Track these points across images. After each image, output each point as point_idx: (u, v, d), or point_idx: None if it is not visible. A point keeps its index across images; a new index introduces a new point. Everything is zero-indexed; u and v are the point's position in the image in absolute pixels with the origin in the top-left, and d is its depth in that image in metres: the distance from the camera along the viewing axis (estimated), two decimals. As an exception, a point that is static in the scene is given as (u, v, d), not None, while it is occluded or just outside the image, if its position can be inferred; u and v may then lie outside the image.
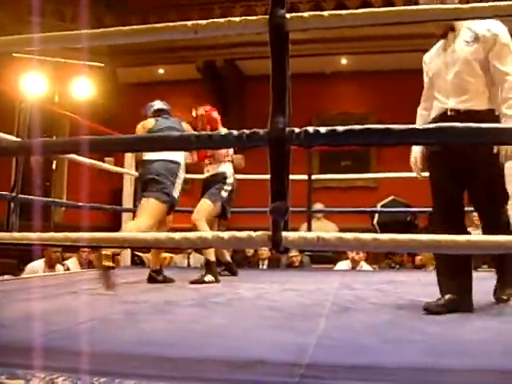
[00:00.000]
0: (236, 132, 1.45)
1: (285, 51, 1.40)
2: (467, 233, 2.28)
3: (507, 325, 2.01)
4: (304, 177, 5.16)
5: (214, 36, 1.68)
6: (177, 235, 1.49)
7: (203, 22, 1.53)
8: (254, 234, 1.39)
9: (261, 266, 6.48)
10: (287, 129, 1.38)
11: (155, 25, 1.60)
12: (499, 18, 2.15)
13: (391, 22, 1.56)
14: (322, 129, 1.39)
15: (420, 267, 5.96)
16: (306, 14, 1.45)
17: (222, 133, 1.53)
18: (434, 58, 2.51)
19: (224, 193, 4.19)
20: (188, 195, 4.16)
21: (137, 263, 6.01)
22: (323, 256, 6.52)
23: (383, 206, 7.16)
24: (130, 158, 5.54)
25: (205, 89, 8.83)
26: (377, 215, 7.29)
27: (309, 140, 1.41)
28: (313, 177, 5.37)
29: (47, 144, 1.88)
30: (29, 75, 7.99)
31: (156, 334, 1.80)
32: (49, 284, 3.50)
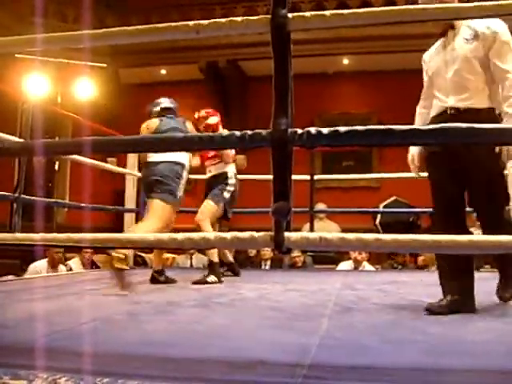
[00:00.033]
0: (238, 133, 1.44)
1: (287, 51, 1.40)
2: (468, 233, 2.26)
3: (510, 326, 2.00)
4: (306, 177, 5.16)
5: (217, 36, 1.68)
6: (180, 236, 1.49)
7: (205, 22, 1.53)
8: (257, 235, 1.39)
9: (263, 267, 6.48)
10: (289, 129, 1.38)
11: (157, 25, 1.59)
12: (501, 17, 2.14)
13: (393, 22, 1.56)
14: (325, 129, 1.38)
15: (422, 267, 5.95)
16: (308, 14, 1.45)
17: (225, 134, 1.52)
18: (434, 57, 2.49)
19: (226, 193, 4.19)
20: (191, 196, 4.16)
21: (139, 264, 6.02)
22: (326, 256, 6.52)
23: (385, 207, 7.16)
24: (133, 159, 5.54)
25: (207, 89, 8.84)
26: (379, 215, 7.29)
27: (311, 141, 1.41)
28: (315, 177, 5.37)
29: (50, 145, 1.89)
30: (31, 76, 8.02)
31: (158, 335, 1.80)
32: (51, 284, 3.51)
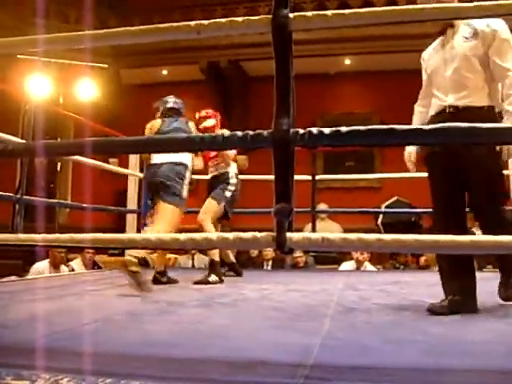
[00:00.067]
0: (240, 133, 1.44)
1: (288, 51, 1.40)
2: (468, 233, 2.25)
3: (511, 326, 1.99)
4: (308, 177, 5.16)
5: (218, 36, 1.68)
6: (182, 236, 1.49)
7: (206, 23, 1.53)
8: (259, 235, 1.39)
9: (265, 267, 6.47)
10: (291, 130, 1.38)
11: (158, 25, 1.59)
12: (500, 17, 2.12)
13: (394, 22, 1.56)
14: (326, 130, 1.38)
15: (424, 268, 5.94)
16: (310, 14, 1.45)
17: (226, 134, 1.52)
18: (433, 55, 2.48)
19: (228, 193, 4.21)
20: (193, 196, 4.16)
21: (141, 264, 6.01)
22: (328, 257, 6.51)
23: (387, 207, 7.16)
24: (135, 159, 5.54)
25: (208, 90, 8.84)
26: (381, 216, 7.29)
27: (313, 141, 1.41)
28: (317, 177, 5.37)
29: (52, 146, 1.89)
30: (33, 77, 8.03)
31: (160, 335, 1.80)
32: (53, 285, 3.51)
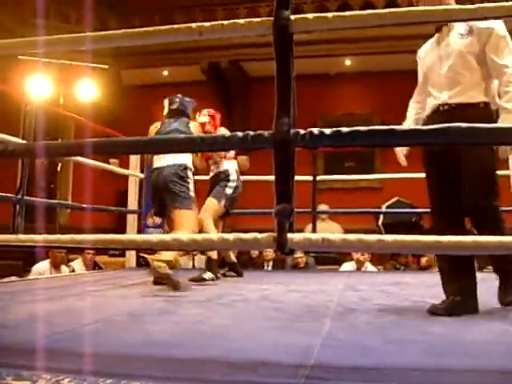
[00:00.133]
0: (241, 133, 1.45)
1: (289, 53, 1.40)
2: (468, 232, 2.23)
3: (511, 326, 1.99)
4: (309, 178, 5.16)
5: (219, 37, 1.68)
6: (182, 237, 1.49)
7: (208, 24, 1.53)
8: (260, 236, 1.39)
9: (266, 268, 6.48)
10: (292, 130, 1.38)
11: (160, 27, 1.60)
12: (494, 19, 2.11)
13: (394, 24, 1.55)
14: (327, 130, 1.38)
15: (426, 268, 5.94)
16: (311, 16, 1.45)
17: (227, 135, 1.53)
18: (429, 53, 2.47)
19: (228, 190, 4.23)
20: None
21: (142, 265, 6.02)
22: (328, 257, 6.52)
23: (388, 207, 7.17)
24: (135, 160, 5.55)
25: (209, 90, 8.84)
26: (381, 216, 7.30)
27: (314, 141, 1.41)
28: (317, 178, 5.37)
29: (53, 146, 1.89)
30: (34, 77, 8.03)
31: (161, 336, 1.80)
32: (54, 285, 3.51)
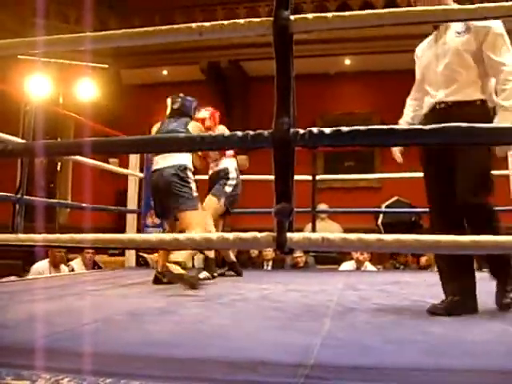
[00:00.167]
0: (240, 133, 1.45)
1: (289, 52, 1.40)
2: (466, 232, 2.22)
3: (511, 326, 2.00)
4: (308, 177, 5.16)
5: (218, 37, 1.68)
6: (181, 236, 1.49)
7: (208, 24, 1.53)
8: (259, 235, 1.39)
9: (265, 267, 6.48)
10: (291, 130, 1.38)
11: (160, 27, 1.60)
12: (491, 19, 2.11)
13: (393, 24, 1.56)
14: (327, 129, 1.39)
15: (425, 268, 5.94)
16: (310, 16, 1.45)
17: (227, 134, 1.53)
18: (426, 51, 2.47)
19: (228, 188, 4.22)
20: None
21: (141, 264, 6.03)
22: (328, 257, 6.52)
23: (387, 207, 7.17)
24: (135, 159, 5.55)
25: (209, 90, 8.84)
26: (381, 216, 7.30)
27: (313, 141, 1.42)
28: (317, 177, 5.37)
29: (52, 146, 1.89)
30: (33, 77, 8.03)
31: (161, 335, 1.80)
32: (53, 285, 3.51)
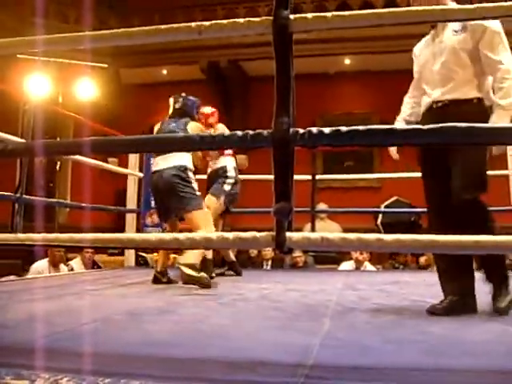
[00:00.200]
0: (240, 132, 1.45)
1: (289, 52, 1.40)
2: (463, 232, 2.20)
3: (510, 326, 2.00)
4: (308, 177, 5.17)
5: (218, 37, 1.68)
6: (181, 236, 1.49)
7: (207, 23, 1.53)
8: (259, 235, 1.39)
9: (265, 267, 6.48)
10: (291, 129, 1.38)
11: (159, 26, 1.60)
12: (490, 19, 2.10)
13: (392, 23, 1.55)
14: (326, 129, 1.39)
15: (425, 267, 5.95)
16: (310, 16, 1.45)
17: (226, 134, 1.53)
18: (423, 50, 2.47)
19: (227, 186, 4.23)
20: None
21: (141, 264, 6.03)
22: (327, 256, 6.53)
23: (387, 207, 7.17)
24: (134, 159, 5.55)
25: (208, 89, 8.83)
26: (380, 215, 7.30)
27: (313, 140, 1.42)
28: (316, 177, 5.37)
29: (52, 145, 1.89)
30: (33, 76, 8.03)
31: (160, 335, 1.80)
32: (52, 285, 3.51)
